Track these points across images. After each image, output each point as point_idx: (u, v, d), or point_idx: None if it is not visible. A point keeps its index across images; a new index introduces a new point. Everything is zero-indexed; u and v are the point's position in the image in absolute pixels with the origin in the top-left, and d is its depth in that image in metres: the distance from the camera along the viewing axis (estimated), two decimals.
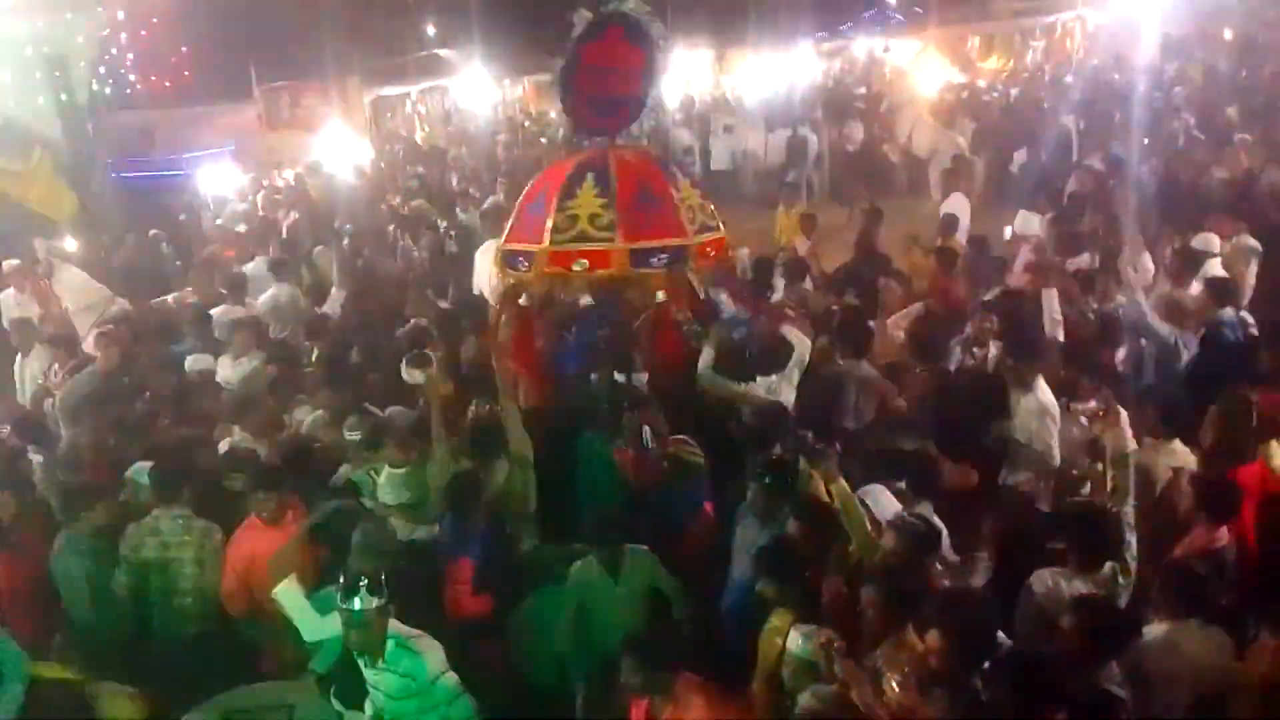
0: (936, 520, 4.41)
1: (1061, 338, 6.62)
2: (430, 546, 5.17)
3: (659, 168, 5.63)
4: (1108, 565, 4.19)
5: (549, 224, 5.31)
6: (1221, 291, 6.65)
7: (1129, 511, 4.64)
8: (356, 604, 3.88)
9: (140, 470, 5.37)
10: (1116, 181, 10.20)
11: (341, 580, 3.95)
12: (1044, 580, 4.15)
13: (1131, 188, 9.79)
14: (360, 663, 4.07)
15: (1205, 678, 3.62)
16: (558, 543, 5.26)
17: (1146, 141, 11.93)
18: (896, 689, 3.44)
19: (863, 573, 4.10)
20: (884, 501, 4.62)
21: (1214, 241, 7.71)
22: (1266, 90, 15.06)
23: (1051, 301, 6.74)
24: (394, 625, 4.04)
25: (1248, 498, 4.57)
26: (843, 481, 4.42)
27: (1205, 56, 19.67)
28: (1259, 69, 17.19)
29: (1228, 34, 21.77)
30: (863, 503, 4.45)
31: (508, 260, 5.64)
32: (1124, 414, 4.90)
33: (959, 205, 10.33)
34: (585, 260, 5.28)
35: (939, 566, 4.24)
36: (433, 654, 4.05)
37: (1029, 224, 9.54)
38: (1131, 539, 4.40)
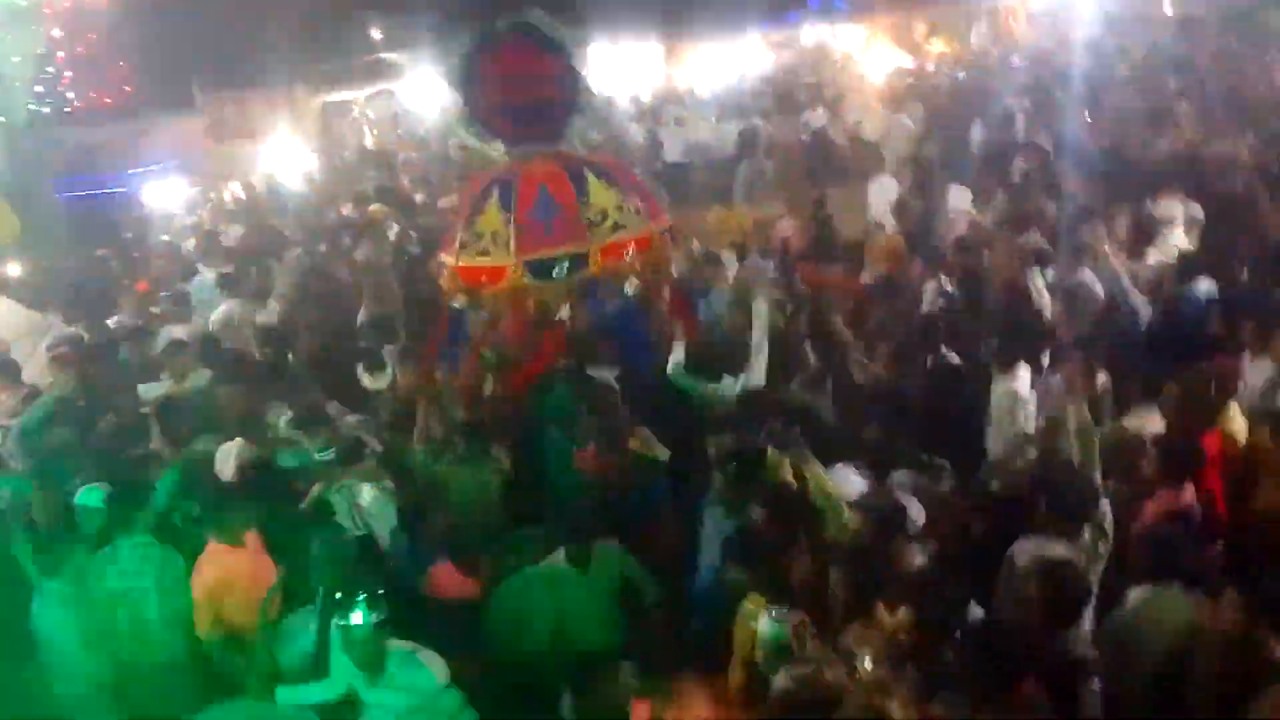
0: (906, 496, 4.40)
1: (1048, 315, 6.62)
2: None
3: (566, 174, 5.63)
4: (1087, 530, 4.21)
5: (458, 240, 5.46)
6: (1191, 265, 6.70)
7: (1097, 479, 4.66)
8: (355, 619, 3.77)
9: (90, 493, 5.19)
10: (1062, 158, 10.31)
11: (337, 596, 3.85)
12: (1026, 550, 4.12)
13: (1077, 163, 9.93)
14: (357, 686, 3.92)
15: (1179, 639, 3.64)
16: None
17: (1089, 119, 12.10)
18: (869, 666, 3.46)
19: (831, 553, 4.11)
20: (852, 481, 4.64)
21: (1177, 209, 7.76)
22: (1207, 64, 15.36)
23: (1037, 280, 6.76)
24: (394, 641, 3.94)
25: (1210, 462, 4.64)
26: (817, 466, 4.43)
27: (1146, 33, 20.01)
28: (1200, 44, 17.53)
29: (1168, 10, 22.20)
30: None
31: (533, 269, 5.58)
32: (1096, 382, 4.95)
33: (886, 186, 10.64)
34: (484, 276, 5.46)
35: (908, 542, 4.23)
36: (437, 664, 3.94)
37: (960, 199, 9.60)
38: (1105, 505, 4.43)
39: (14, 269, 10.87)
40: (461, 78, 5.70)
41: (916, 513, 4.23)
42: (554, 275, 5.48)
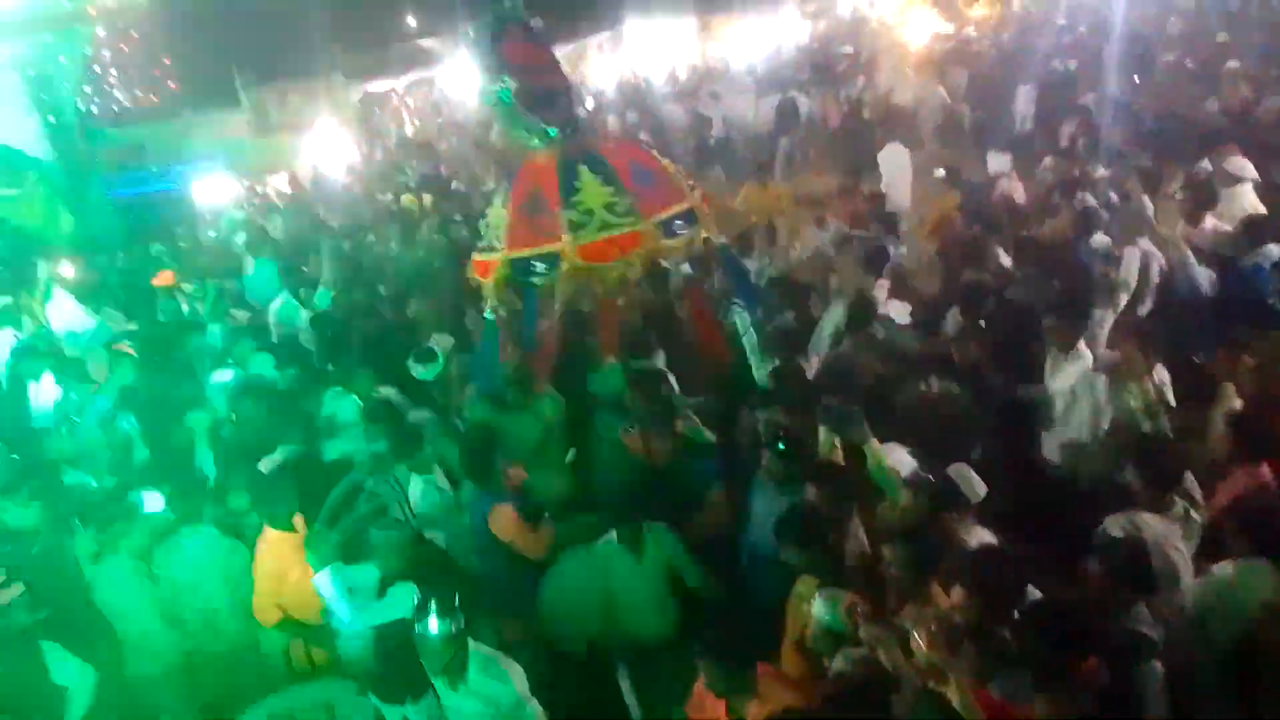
0: (968, 475, 4.33)
1: (1124, 300, 6.32)
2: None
3: (638, 145, 5.63)
4: (1179, 502, 4.11)
5: (563, 222, 5.24)
6: (1259, 229, 6.36)
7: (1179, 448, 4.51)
8: (430, 627, 3.75)
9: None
10: (1111, 120, 10.05)
11: (415, 602, 3.86)
12: (1119, 524, 3.99)
13: (1127, 125, 9.68)
14: (437, 688, 3.92)
15: (1258, 616, 3.54)
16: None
17: (1137, 79, 11.76)
18: (925, 647, 3.44)
19: (884, 532, 4.09)
20: (903, 461, 4.60)
21: (1247, 166, 7.38)
22: (1259, 18, 14.85)
23: (1132, 261, 6.40)
24: (474, 645, 3.93)
25: None
26: (875, 443, 4.40)
27: None
28: None
29: None
30: None
31: (515, 268, 5.47)
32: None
33: (896, 154, 10.48)
34: (617, 246, 5.27)
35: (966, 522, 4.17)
36: (519, 675, 3.92)
37: (1000, 163, 9.48)
38: (1189, 476, 4.27)
39: (68, 267, 11.10)
40: (493, 67, 5.64)
41: (978, 489, 4.16)
42: (531, 275, 5.37)
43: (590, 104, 15.29)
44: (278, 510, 4.94)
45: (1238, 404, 4.78)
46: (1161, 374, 5.12)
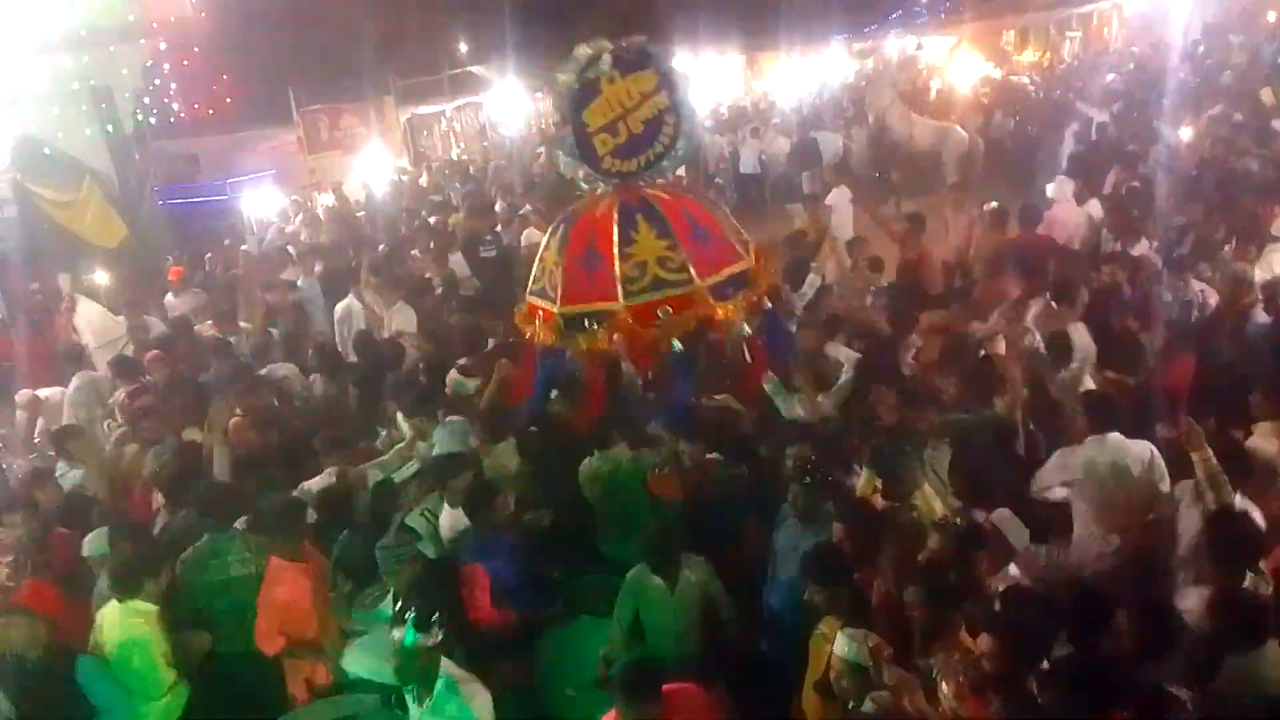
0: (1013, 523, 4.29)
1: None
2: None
3: (695, 197, 5.42)
4: (1250, 577, 3.93)
5: (618, 275, 5.02)
6: None
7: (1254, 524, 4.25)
8: (405, 636, 3.81)
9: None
10: (1159, 168, 9.99)
11: (393, 608, 3.92)
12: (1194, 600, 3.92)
13: (1175, 174, 9.62)
14: (408, 698, 3.97)
15: None
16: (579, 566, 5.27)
17: (1189, 130, 11.69)
18: (950, 694, 3.41)
19: (912, 574, 4.06)
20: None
21: None
22: None
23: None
24: (447, 666, 3.95)
25: None
26: (928, 488, 4.39)
27: (1246, 40, 19.27)
28: None
29: (1270, 16, 21.32)
30: None
31: (569, 322, 5.29)
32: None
33: (841, 197, 10.96)
34: (669, 307, 4.99)
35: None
36: (482, 704, 3.92)
37: (1063, 189, 9.38)
38: None
39: (101, 277, 11.35)
40: (570, 109, 5.39)
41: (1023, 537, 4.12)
42: (584, 329, 5.18)
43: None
44: (288, 540, 4.90)
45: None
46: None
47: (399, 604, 4.02)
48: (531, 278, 5.32)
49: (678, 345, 5.49)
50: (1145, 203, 8.83)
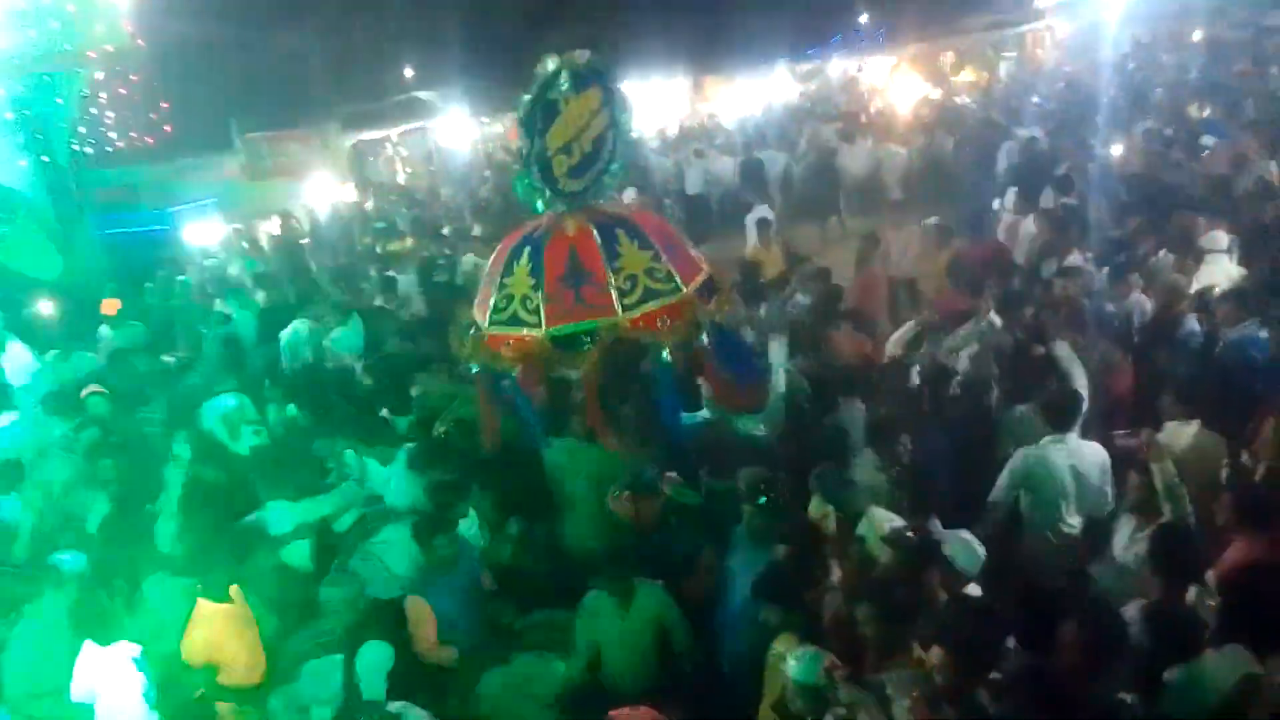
0: (941, 532, 4.34)
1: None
2: None
3: (597, 233, 5.34)
4: (1193, 589, 3.98)
5: (490, 302, 5.04)
6: (1246, 304, 6.33)
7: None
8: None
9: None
10: (1093, 185, 10.24)
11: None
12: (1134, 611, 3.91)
13: (1109, 191, 9.87)
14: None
15: (1230, 693, 3.48)
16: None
17: (1120, 145, 12.03)
18: (906, 709, 3.41)
19: (863, 590, 4.08)
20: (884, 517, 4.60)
21: (1221, 238, 7.56)
22: (1235, 88, 15.26)
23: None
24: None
25: None
26: (875, 512, 4.44)
27: (1175, 59, 19.93)
28: (1228, 68, 17.42)
29: (1197, 34, 22.09)
30: None
31: (561, 344, 5.12)
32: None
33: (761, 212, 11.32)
34: (666, 316, 4.94)
35: None
36: None
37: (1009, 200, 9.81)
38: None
39: (49, 307, 11.08)
40: (535, 130, 5.15)
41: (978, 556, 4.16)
42: (582, 348, 5.02)
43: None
44: (216, 579, 4.80)
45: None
46: None
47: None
48: (492, 308, 5.16)
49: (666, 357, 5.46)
50: (1080, 218, 9.07)
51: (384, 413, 6.71)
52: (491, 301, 5.00)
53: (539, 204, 5.16)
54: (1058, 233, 8.63)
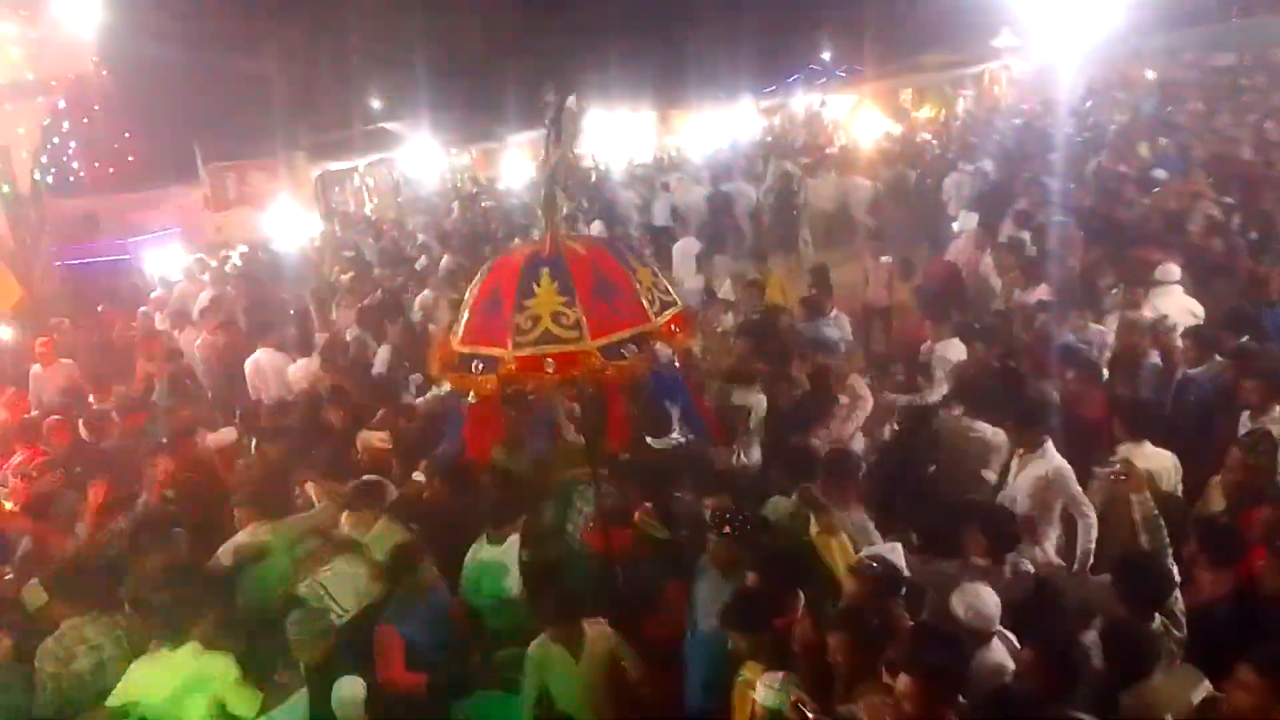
0: (900, 561, 4.40)
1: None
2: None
3: (612, 254, 5.47)
4: (1156, 619, 4.01)
5: (513, 325, 5.02)
6: (1207, 342, 6.50)
7: (1172, 570, 4.36)
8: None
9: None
10: (1049, 219, 10.48)
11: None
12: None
13: (1064, 225, 10.11)
14: None
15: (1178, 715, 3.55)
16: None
17: (1075, 181, 12.35)
18: None
19: (830, 617, 4.10)
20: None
21: (1174, 271, 7.80)
22: (1187, 127, 15.74)
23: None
24: None
25: (1256, 543, 4.37)
26: (844, 537, 4.46)
27: (1128, 97, 20.52)
28: (1180, 107, 17.97)
29: (1150, 74, 22.77)
30: None
31: (460, 360, 5.26)
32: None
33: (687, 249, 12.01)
34: (553, 361, 4.97)
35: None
36: None
37: (968, 220, 10.37)
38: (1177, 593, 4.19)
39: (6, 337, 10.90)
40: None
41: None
42: (625, 354, 5.04)
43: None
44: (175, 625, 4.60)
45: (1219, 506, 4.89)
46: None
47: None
48: (515, 329, 5.29)
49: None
50: (1038, 251, 9.29)
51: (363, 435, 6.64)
52: (514, 324, 5.04)
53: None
54: (1022, 266, 8.82)
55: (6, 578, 5.52)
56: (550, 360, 4.89)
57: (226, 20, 22.08)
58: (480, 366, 5.02)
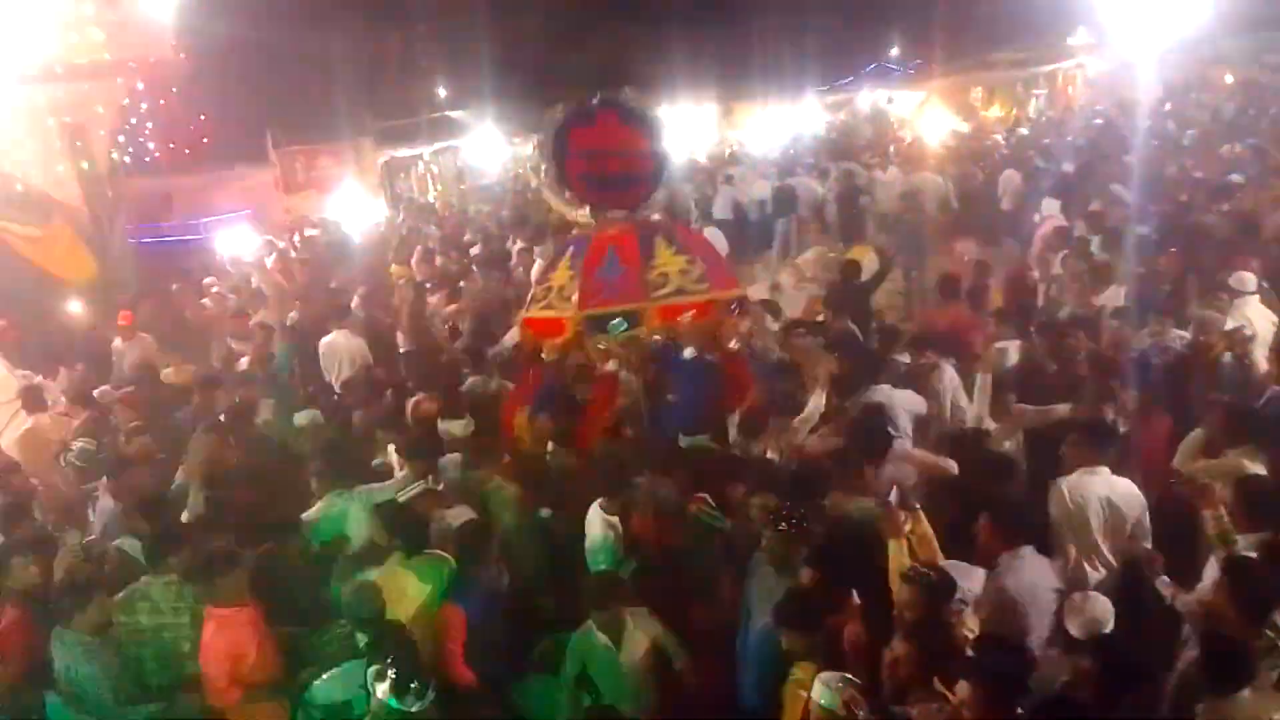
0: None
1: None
2: None
3: (637, 238, 5.75)
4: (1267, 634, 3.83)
5: (645, 281, 5.52)
6: None
7: None
8: (388, 699, 3.82)
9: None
10: (1124, 223, 10.22)
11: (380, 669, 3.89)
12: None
13: (1139, 229, 9.86)
14: None
15: None
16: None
17: (1151, 184, 12.02)
18: None
19: (886, 619, 4.06)
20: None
21: (1249, 280, 7.47)
22: (1269, 131, 15.22)
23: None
24: None
25: None
26: (925, 525, 4.44)
27: (1207, 99, 19.92)
28: (1262, 110, 17.39)
29: (1229, 78, 22.07)
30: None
31: (591, 325, 5.65)
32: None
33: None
34: (545, 327, 5.61)
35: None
36: None
37: (1051, 206, 10.39)
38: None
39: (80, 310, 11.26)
40: (554, 148, 5.91)
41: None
42: (609, 330, 5.59)
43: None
44: (227, 582, 4.71)
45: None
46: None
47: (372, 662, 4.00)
48: (532, 297, 5.74)
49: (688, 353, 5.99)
50: (1109, 255, 9.07)
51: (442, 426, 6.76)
52: (533, 293, 5.60)
53: (577, 215, 5.77)
54: (1092, 268, 8.62)
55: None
56: (689, 312, 5.52)
57: (299, 6, 22.48)
58: (620, 324, 5.55)
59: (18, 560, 5.22)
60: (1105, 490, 4.93)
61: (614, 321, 5.56)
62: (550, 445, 6.01)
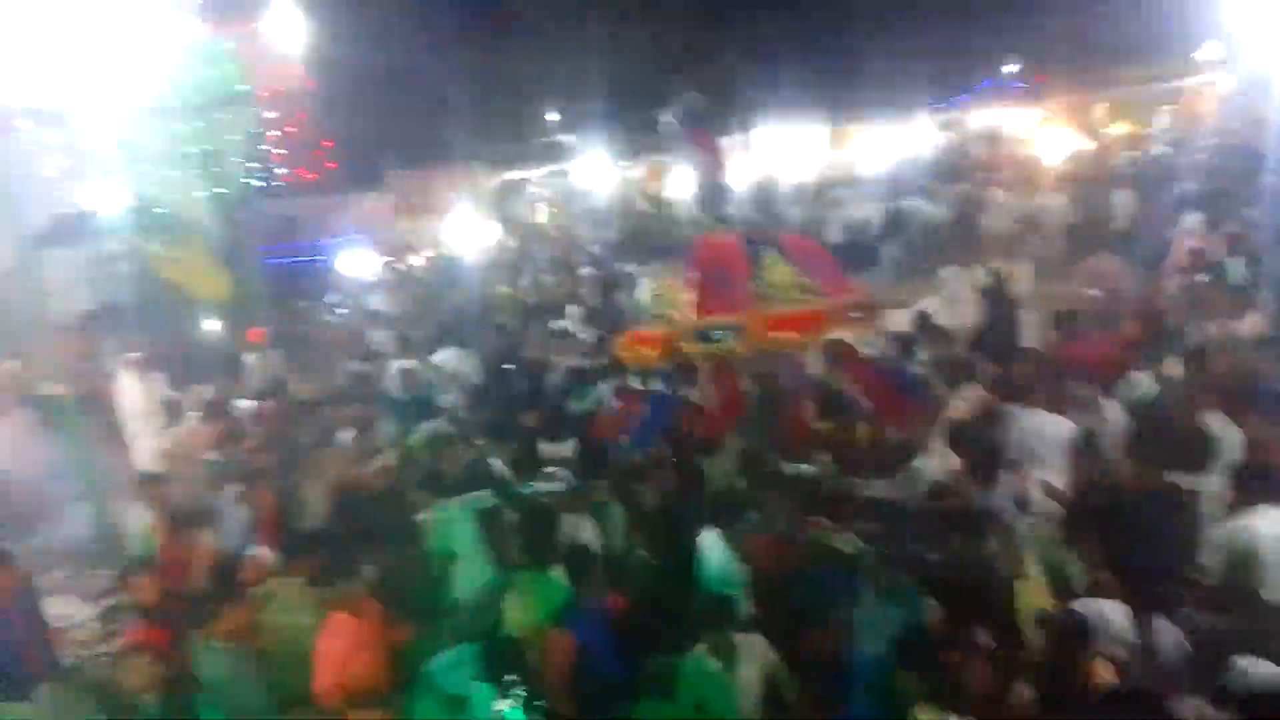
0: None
1: None
2: None
3: (743, 248, 6.00)
4: None
5: (753, 291, 5.62)
6: None
7: None
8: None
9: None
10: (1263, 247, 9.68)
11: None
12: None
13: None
14: None
15: None
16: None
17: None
18: None
19: (1015, 662, 3.91)
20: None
21: None
22: None
23: None
24: None
25: None
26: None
27: None
28: None
29: None
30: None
31: (698, 336, 5.70)
32: None
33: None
34: (651, 341, 5.75)
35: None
36: None
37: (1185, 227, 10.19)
38: None
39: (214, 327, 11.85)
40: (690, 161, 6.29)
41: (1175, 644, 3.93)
42: (716, 340, 5.60)
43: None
44: (349, 588, 4.91)
45: None
46: None
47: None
48: (639, 316, 5.83)
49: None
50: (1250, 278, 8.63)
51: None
52: (753, 293, 5.66)
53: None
54: (1229, 293, 8.22)
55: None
56: (802, 321, 5.54)
57: (415, 36, 23.28)
58: (725, 336, 5.58)
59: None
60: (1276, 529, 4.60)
61: (717, 333, 5.59)
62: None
